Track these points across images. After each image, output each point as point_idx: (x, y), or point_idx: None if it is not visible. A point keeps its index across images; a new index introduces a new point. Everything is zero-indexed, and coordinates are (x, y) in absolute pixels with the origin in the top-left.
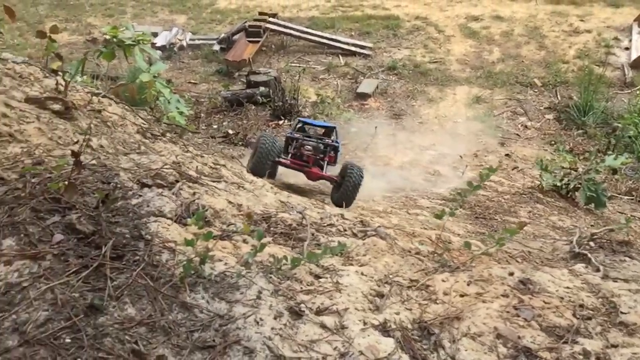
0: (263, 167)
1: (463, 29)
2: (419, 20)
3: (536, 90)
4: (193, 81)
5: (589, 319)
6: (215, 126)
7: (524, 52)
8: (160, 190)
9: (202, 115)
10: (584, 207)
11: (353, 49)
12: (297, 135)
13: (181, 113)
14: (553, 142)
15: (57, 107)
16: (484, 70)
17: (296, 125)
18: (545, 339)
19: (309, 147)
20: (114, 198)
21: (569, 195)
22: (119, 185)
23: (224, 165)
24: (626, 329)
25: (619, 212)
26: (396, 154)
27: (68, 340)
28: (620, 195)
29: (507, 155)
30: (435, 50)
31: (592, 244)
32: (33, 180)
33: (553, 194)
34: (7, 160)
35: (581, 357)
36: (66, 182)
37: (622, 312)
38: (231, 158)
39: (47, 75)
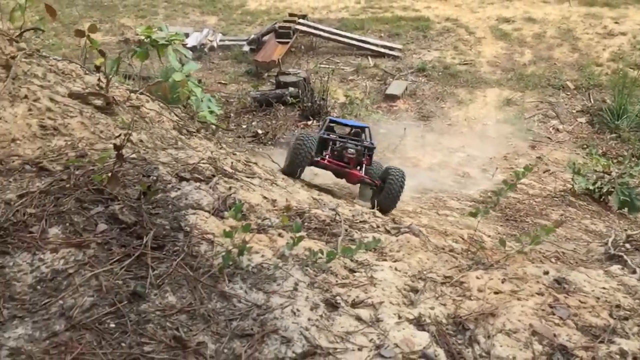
0: (299, 166)
1: (494, 31)
2: (449, 21)
3: (568, 93)
4: (223, 82)
5: (626, 319)
6: (244, 126)
7: (556, 55)
8: (197, 184)
9: (232, 115)
10: (617, 211)
11: (382, 50)
12: (333, 137)
13: (212, 112)
14: (585, 146)
15: (98, 102)
16: (515, 72)
17: (325, 124)
18: (581, 338)
19: (351, 149)
20: (155, 190)
21: (601, 199)
22: (158, 179)
23: (255, 163)
24: None
25: None
26: (425, 156)
27: (112, 325)
28: None
29: (538, 158)
30: (465, 52)
31: (627, 245)
32: (77, 172)
33: (585, 198)
34: (52, 152)
35: (618, 356)
36: (109, 174)
37: None
38: (262, 156)
39: (88, 72)
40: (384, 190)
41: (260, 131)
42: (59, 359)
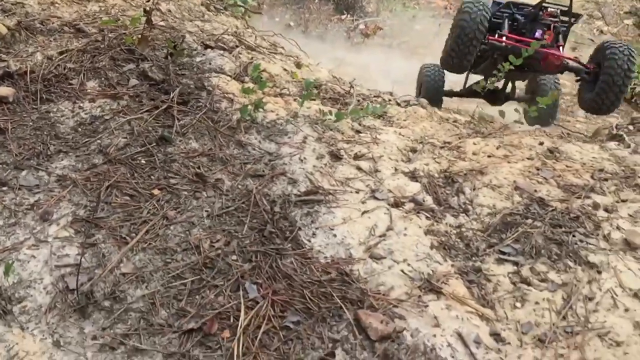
0: (467, 52)
1: None
2: None
3: None
4: None
5: (606, 180)
6: (277, 19)
7: None
8: (221, 52)
9: (265, 6)
10: None
11: None
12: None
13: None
14: None
15: None
16: None
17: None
18: (559, 193)
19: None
20: (180, 50)
21: (632, 100)
22: (185, 45)
23: (282, 47)
24: (639, 189)
25: None
26: None
27: (143, 162)
28: None
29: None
30: None
31: (631, 127)
32: (110, 35)
33: None
34: (87, 16)
35: (590, 208)
36: (139, 36)
37: (639, 177)
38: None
39: None
40: (600, 81)
41: (292, 23)
42: (99, 184)
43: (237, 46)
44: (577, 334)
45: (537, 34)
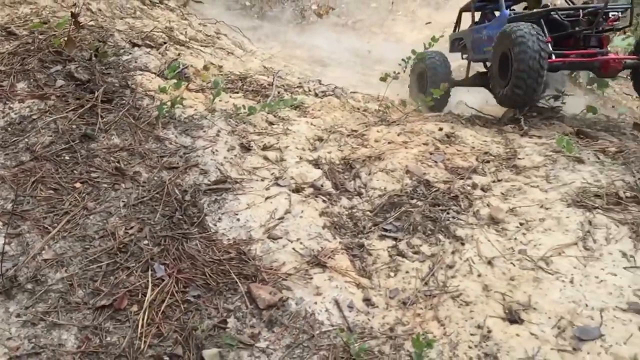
0: (533, 89)
1: None
2: None
3: None
4: None
5: (488, 162)
6: None
7: None
8: (148, 49)
9: None
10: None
11: None
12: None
13: None
14: None
15: None
16: None
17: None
18: (445, 175)
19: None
20: (103, 52)
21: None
22: (112, 44)
23: (225, 35)
24: (515, 170)
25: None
26: (412, 31)
27: (67, 158)
28: None
29: None
30: None
31: (534, 113)
32: (40, 37)
33: None
34: (19, 19)
35: (469, 187)
36: (67, 38)
37: (518, 158)
38: (232, 30)
39: None
40: None
41: (248, 3)
42: (26, 179)
43: (165, 42)
44: (434, 296)
45: (593, 42)
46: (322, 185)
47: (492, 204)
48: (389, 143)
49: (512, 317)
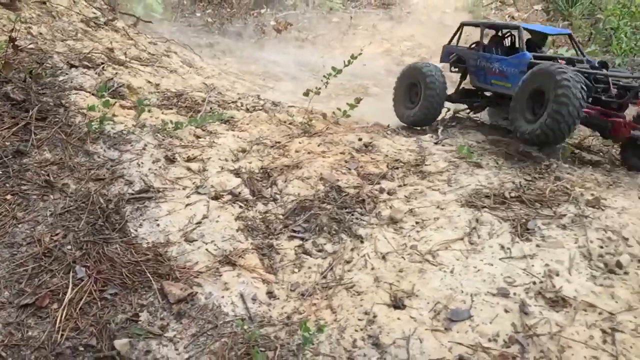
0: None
1: None
2: None
3: None
4: None
5: (397, 168)
6: (198, 14)
7: None
8: (85, 70)
9: (186, 2)
10: None
11: None
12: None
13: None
14: None
15: (4, 0)
16: None
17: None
18: (356, 181)
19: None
20: (37, 73)
21: None
22: (50, 65)
23: (175, 53)
24: (421, 175)
25: None
26: (371, 45)
27: (0, 172)
28: None
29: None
30: None
31: (454, 122)
32: None
33: None
34: None
35: (377, 192)
36: (4, 62)
37: (425, 165)
38: (182, 47)
39: None
40: None
41: (210, 19)
42: None
43: (103, 63)
44: (330, 288)
45: (614, 104)
46: (239, 193)
47: (394, 206)
48: (308, 153)
49: (397, 304)
